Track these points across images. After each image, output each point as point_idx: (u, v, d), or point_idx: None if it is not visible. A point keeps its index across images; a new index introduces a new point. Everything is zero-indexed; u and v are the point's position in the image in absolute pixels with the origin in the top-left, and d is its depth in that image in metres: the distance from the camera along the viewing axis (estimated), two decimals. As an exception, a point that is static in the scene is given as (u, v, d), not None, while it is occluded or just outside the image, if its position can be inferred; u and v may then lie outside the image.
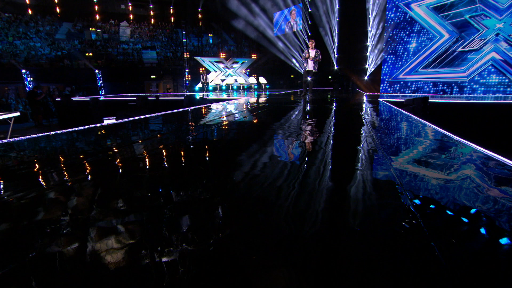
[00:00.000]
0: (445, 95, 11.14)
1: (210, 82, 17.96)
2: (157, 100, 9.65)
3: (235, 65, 19.55)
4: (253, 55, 20.22)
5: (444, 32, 11.15)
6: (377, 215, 1.11)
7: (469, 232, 0.98)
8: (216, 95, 11.88)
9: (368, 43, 12.97)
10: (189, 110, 5.53)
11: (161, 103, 9.62)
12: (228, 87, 18.45)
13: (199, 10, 25.76)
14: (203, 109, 5.56)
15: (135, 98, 9.40)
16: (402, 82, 12.40)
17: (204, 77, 17.52)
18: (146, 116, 4.24)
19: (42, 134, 2.80)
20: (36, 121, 11.32)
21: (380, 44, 12.55)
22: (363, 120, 3.32)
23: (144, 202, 1.27)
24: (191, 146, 2.42)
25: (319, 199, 1.25)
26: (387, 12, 12.08)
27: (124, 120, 3.80)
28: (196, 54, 20.51)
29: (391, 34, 12.15)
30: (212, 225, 1.01)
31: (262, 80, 17.41)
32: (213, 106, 6.46)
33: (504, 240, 0.91)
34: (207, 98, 10.06)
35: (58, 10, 23.34)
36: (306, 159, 1.96)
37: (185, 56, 19.38)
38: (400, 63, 12.22)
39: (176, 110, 5.25)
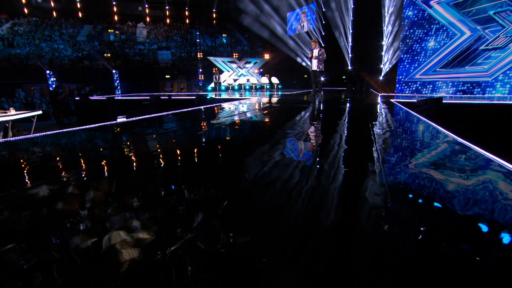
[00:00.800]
0: (465, 95, 10.64)
1: (223, 82, 18.12)
2: (169, 100, 9.86)
3: (247, 65, 19.62)
4: (266, 55, 20.21)
5: (465, 30, 10.65)
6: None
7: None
8: (228, 95, 11.98)
9: (383, 42, 12.62)
10: (195, 109, 5.62)
11: (173, 102, 9.82)
12: (240, 87, 18.54)
13: (214, 10, 26.08)
14: (211, 109, 5.62)
15: (148, 98, 9.66)
16: (418, 82, 11.97)
17: (217, 77, 17.71)
18: (155, 115, 4.35)
19: (53, 132, 2.94)
20: (57, 119, 11.89)
21: (396, 43, 12.18)
22: (369, 125, 3.21)
23: (148, 201, 1.31)
24: (195, 144, 2.46)
25: (328, 202, 1.23)
26: (404, 10, 11.69)
27: (133, 118, 3.93)
28: (210, 54, 20.77)
29: (407, 33, 11.76)
30: (224, 225, 1.02)
31: (275, 80, 17.36)
32: (222, 105, 6.53)
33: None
34: (216, 97, 10.17)
35: (80, 13, 24.42)
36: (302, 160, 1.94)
37: (199, 56, 19.66)
38: (416, 62, 11.80)
39: (185, 110, 5.34)
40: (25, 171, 1.74)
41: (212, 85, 17.88)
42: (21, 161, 2.02)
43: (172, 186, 1.47)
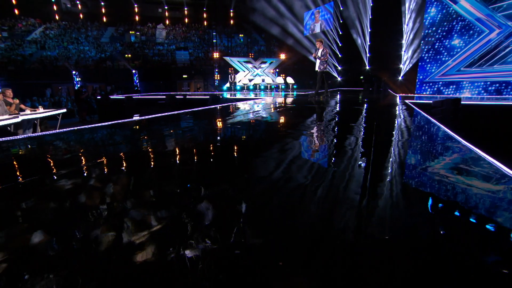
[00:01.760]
0: (492, 96, 9.99)
1: (238, 82, 18.27)
2: (184, 99, 10.10)
3: (263, 65, 19.63)
4: (281, 55, 20.11)
5: (495, 26, 10.00)
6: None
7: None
8: (241, 95, 12.07)
9: (403, 41, 12.13)
10: (206, 108, 5.71)
11: (188, 102, 10.04)
12: (255, 87, 18.60)
13: (231, 11, 26.34)
14: (222, 108, 5.70)
15: (164, 97, 9.96)
16: (440, 82, 11.40)
17: (232, 76, 17.88)
18: (166, 114, 4.49)
19: (69, 129, 3.13)
20: (81, 117, 12.57)
21: (417, 41, 11.67)
22: (371, 132, 3.06)
23: (152, 194, 1.36)
24: (201, 141, 2.52)
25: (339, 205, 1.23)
26: (426, 7, 11.17)
27: (145, 117, 4.09)
28: (226, 54, 20.99)
29: (429, 31, 11.23)
30: (238, 225, 1.02)
31: (290, 80, 17.24)
32: (233, 105, 6.59)
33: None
34: (229, 97, 10.27)
35: (104, 16, 25.65)
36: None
37: (215, 56, 19.94)
38: (439, 61, 11.24)
39: (196, 109, 5.46)
40: (51, 161, 1.88)
41: (228, 85, 18.08)
42: (47, 153, 2.17)
43: (174, 180, 1.52)
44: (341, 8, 15.20)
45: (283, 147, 2.32)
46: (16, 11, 23.90)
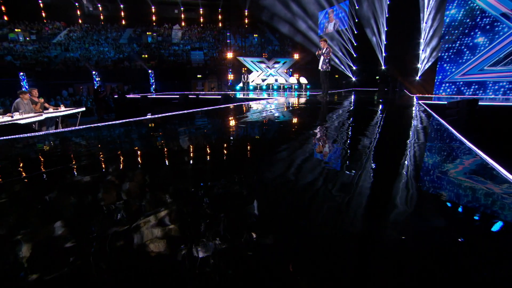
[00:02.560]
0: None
1: (251, 82, 18.33)
2: (197, 98, 10.29)
3: (276, 65, 19.59)
4: (295, 54, 19.98)
5: (523, 22, 9.47)
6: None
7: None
8: (253, 95, 12.11)
9: (421, 40, 11.70)
10: (215, 108, 5.80)
11: (201, 101, 10.22)
12: (268, 86, 18.60)
13: (245, 11, 26.46)
14: (231, 107, 5.77)
15: (177, 96, 10.19)
16: (461, 82, 10.90)
17: (245, 76, 17.97)
18: (175, 113, 4.61)
19: (87, 126, 3.29)
20: (99, 115, 13.09)
21: (436, 39, 11.22)
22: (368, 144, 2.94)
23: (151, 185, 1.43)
24: (208, 138, 2.58)
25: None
26: (448, 3, 10.70)
27: (157, 115, 4.22)
28: (240, 54, 21.12)
29: (450, 28, 10.76)
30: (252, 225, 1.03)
31: (303, 80, 17.09)
32: (243, 104, 6.64)
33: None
34: (240, 97, 10.34)
35: (123, 18, 26.59)
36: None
37: (229, 56, 20.12)
38: (460, 60, 10.75)
39: (205, 108, 5.55)
40: (70, 154, 2.01)
41: (241, 85, 18.20)
42: (66, 147, 2.32)
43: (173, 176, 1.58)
44: (357, 7, 14.88)
45: (289, 148, 2.33)
46: (43, 14, 25.32)
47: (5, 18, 23.91)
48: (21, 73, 17.24)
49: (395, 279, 0.76)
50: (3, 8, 24.51)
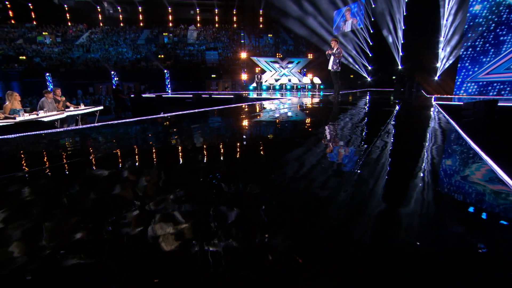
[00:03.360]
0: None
1: (264, 82, 18.38)
2: (210, 98, 10.47)
3: (290, 65, 19.52)
4: (309, 54, 19.82)
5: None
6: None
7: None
8: (265, 95, 12.15)
9: (441, 38, 11.26)
10: (225, 107, 5.88)
11: (213, 100, 10.39)
12: (281, 86, 18.57)
13: (260, 11, 26.53)
14: (242, 107, 5.84)
15: (191, 96, 10.41)
16: (484, 82, 10.39)
17: (259, 76, 18.02)
18: (187, 111, 4.74)
19: (104, 123, 3.47)
20: (117, 113, 13.60)
21: (457, 37, 10.75)
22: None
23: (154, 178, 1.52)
24: (217, 137, 2.66)
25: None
26: (471, 0, 10.23)
27: (168, 114, 4.37)
28: (254, 54, 21.21)
29: (473, 25, 10.28)
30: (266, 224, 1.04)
31: (317, 80, 16.91)
32: (253, 104, 6.69)
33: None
34: (252, 97, 10.40)
35: (141, 19, 27.44)
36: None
37: (243, 56, 20.27)
38: (484, 59, 10.24)
39: (215, 108, 5.66)
40: (88, 148, 2.16)
41: (254, 84, 18.28)
42: (85, 142, 2.48)
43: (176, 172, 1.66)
44: (373, 6, 14.54)
45: (297, 149, 2.36)
46: (68, 16, 26.64)
47: (34, 22, 25.39)
48: (47, 74, 18.25)
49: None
50: (32, 14, 26.09)
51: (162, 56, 21.61)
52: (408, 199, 1.26)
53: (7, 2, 25.63)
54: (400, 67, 13.16)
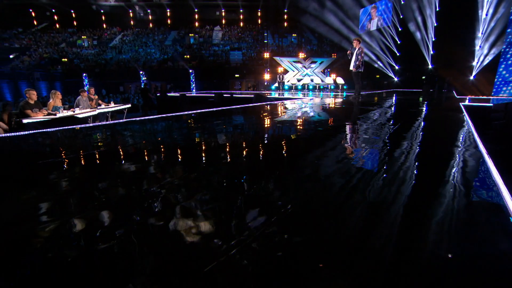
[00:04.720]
0: None
1: (287, 81, 18.30)
2: (231, 97, 10.68)
3: (313, 65, 19.23)
4: (333, 54, 19.38)
5: None
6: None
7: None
8: (287, 94, 12.12)
9: (479, 34, 10.45)
10: (242, 107, 5.99)
11: (234, 100, 10.59)
12: (303, 86, 18.38)
13: (285, 11, 26.43)
14: (261, 106, 5.92)
15: (213, 95, 10.69)
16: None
17: (281, 76, 17.99)
18: (207, 110, 4.92)
19: (129, 119, 3.74)
20: (144, 111, 14.36)
21: (495, 33, 9.90)
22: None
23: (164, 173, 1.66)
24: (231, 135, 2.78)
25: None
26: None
27: (185, 112, 4.58)
28: (278, 54, 21.20)
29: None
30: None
31: (340, 80, 16.50)
32: (272, 104, 6.74)
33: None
34: (272, 97, 10.43)
35: (169, 22, 28.64)
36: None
37: (266, 56, 20.34)
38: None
39: (233, 107, 5.79)
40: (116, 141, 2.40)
41: (276, 84, 18.28)
42: (115, 136, 2.74)
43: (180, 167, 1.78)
44: (402, 2, 13.86)
45: (310, 149, 2.39)
46: (103, 18, 28.61)
47: (75, 27, 27.64)
48: (84, 74, 19.80)
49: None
50: (74, 20, 28.42)
51: (188, 56, 22.37)
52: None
53: (54, 10, 28.17)
54: (430, 66, 12.42)
